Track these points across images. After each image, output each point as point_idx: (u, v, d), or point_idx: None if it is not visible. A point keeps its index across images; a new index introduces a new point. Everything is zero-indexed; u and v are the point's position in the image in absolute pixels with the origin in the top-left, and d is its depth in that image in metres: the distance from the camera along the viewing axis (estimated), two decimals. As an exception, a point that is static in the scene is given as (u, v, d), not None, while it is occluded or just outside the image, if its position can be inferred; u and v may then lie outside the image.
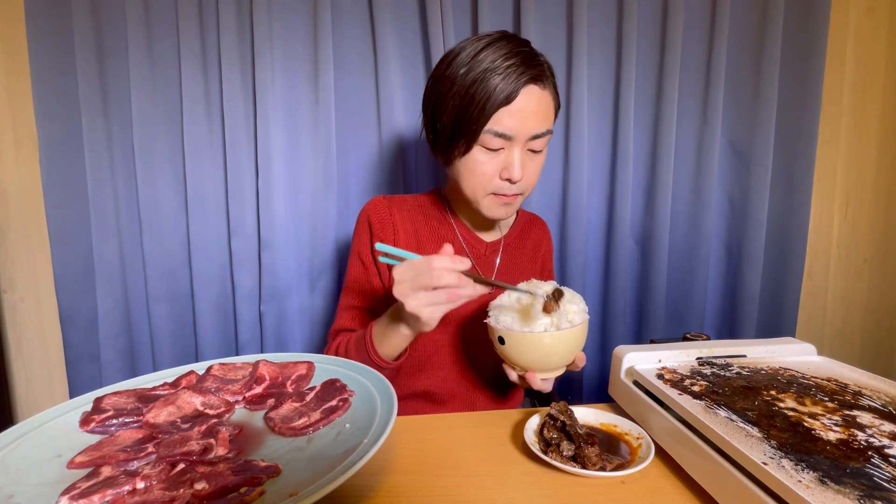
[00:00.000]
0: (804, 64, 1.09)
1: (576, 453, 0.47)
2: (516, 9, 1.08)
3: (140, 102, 1.02)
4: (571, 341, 0.56)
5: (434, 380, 0.75)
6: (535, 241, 0.85)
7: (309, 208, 1.10)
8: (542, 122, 0.64)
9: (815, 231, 1.27)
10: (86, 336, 1.06)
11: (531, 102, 0.63)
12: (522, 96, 0.62)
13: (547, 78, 0.65)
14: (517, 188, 0.67)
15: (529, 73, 0.62)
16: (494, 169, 0.66)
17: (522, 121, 0.62)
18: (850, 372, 0.55)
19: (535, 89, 0.63)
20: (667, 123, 1.10)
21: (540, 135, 0.64)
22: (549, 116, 0.66)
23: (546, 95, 0.65)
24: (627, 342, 1.00)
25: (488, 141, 0.64)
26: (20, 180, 1.09)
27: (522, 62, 0.62)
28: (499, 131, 0.63)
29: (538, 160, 0.68)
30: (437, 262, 0.53)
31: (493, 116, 0.62)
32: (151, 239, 1.07)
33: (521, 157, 0.65)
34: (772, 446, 0.38)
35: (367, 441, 0.39)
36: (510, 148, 0.64)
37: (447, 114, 0.65)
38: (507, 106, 0.61)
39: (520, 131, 0.63)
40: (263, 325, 1.11)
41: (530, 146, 0.65)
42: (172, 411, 0.46)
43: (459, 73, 0.63)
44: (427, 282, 0.53)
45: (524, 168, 0.66)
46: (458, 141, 0.65)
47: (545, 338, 0.55)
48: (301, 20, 1.04)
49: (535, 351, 0.56)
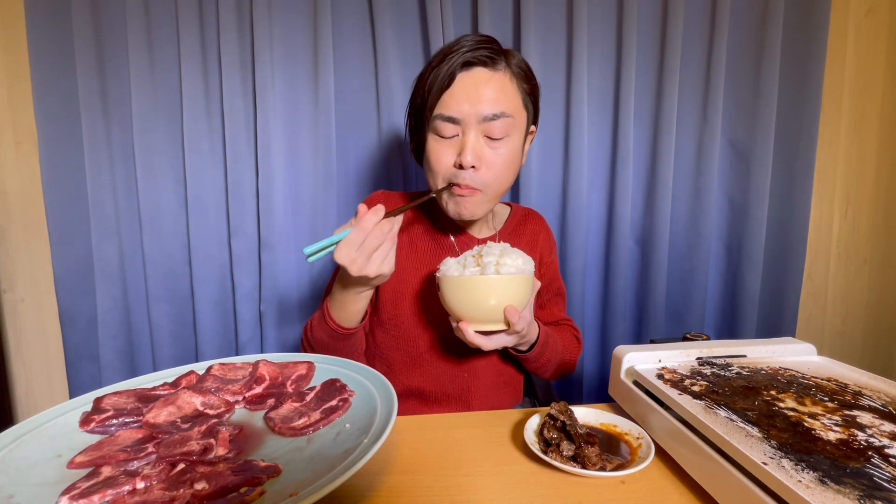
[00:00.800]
0: (804, 64, 1.09)
1: (576, 453, 0.47)
2: (516, 9, 1.08)
3: (140, 102, 1.02)
4: (500, 289, 0.57)
5: (427, 378, 0.76)
6: (531, 235, 0.84)
7: (309, 208, 1.10)
8: (491, 104, 0.63)
9: (815, 231, 1.27)
10: (86, 336, 1.06)
11: (477, 85, 0.63)
12: (465, 78, 0.63)
13: (501, 63, 0.65)
14: (474, 180, 0.65)
15: (471, 54, 0.63)
16: (449, 157, 0.66)
17: (466, 99, 0.63)
18: (850, 372, 0.55)
19: (481, 71, 0.64)
20: (667, 123, 1.10)
21: (492, 116, 0.63)
22: (503, 99, 0.64)
23: (498, 78, 0.64)
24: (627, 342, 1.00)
25: (439, 127, 0.65)
26: (20, 180, 1.09)
27: (470, 49, 0.63)
28: (445, 114, 0.64)
29: (500, 151, 0.65)
30: (366, 224, 0.57)
31: (439, 101, 0.63)
32: (151, 239, 1.07)
33: (474, 143, 0.64)
34: (772, 446, 0.38)
35: (367, 441, 0.39)
36: (464, 134, 0.64)
37: (409, 110, 0.69)
38: (449, 89, 0.63)
39: (466, 113, 0.63)
40: (263, 325, 1.11)
41: (486, 131, 0.64)
42: (172, 411, 0.46)
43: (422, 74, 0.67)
44: (373, 244, 0.58)
45: (480, 156, 0.64)
46: (418, 135, 0.68)
47: (471, 281, 0.57)
48: (301, 20, 1.04)
49: (463, 295, 0.59)
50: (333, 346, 0.69)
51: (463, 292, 0.59)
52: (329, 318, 0.66)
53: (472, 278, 0.58)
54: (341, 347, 0.69)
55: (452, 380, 0.76)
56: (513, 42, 1.10)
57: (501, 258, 0.59)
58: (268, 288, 1.09)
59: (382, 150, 1.11)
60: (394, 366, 0.76)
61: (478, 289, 0.58)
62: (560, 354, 0.75)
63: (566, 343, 0.78)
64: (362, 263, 0.58)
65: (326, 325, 0.67)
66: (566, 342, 0.78)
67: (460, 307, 0.60)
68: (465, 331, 0.60)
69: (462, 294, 0.59)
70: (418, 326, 0.75)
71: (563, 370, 0.78)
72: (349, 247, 0.57)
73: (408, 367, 0.76)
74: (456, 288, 0.59)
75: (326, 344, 0.69)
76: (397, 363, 0.76)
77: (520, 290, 0.58)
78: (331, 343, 0.68)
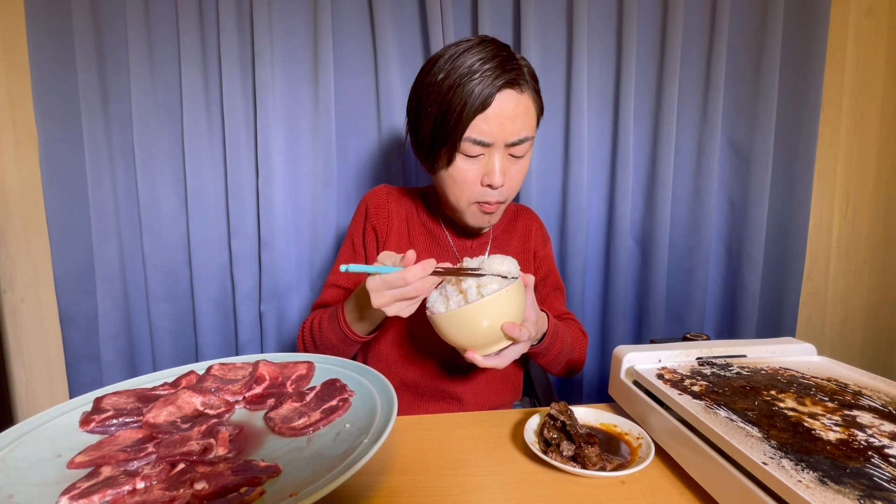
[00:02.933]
0: (804, 64, 1.09)
1: (576, 453, 0.47)
2: (516, 9, 1.08)
3: (140, 102, 1.02)
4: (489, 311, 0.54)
5: (422, 372, 0.76)
6: (523, 231, 0.84)
7: (309, 208, 1.10)
8: (520, 128, 0.63)
9: (815, 231, 1.27)
10: (86, 336, 1.06)
11: (508, 107, 0.62)
12: (498, 101, 0.61)
13: (525, 82, 0.64)
14: (499, 195, 0.67)
15: (505, 76, 0.61)
16: (476, 176, 0.65)
17: (499, 126, 0.62)
18: (850, 372, 0.55)
19: (511, 94, 0.62)
20: (667, 123, 1.10)
21: (519, 141, 0.64)
22: (528, 121, 0.64)
23: (524, 99, 0.63)
24: (627, 342, 1.00)
25: (468, 149, 0.63)
26: (20, 180, 1.09)
27: (498, 66, 0.61)
28: (477, 139, 0.62)
29: (520, 165, 0.67)
30: (410, 276, 0.53)
31: (470, 124, 0.61)
32: (151, 239, 1.07)
33: (502, 163, 0.64)
34: (772, 446, 0.38)
35: (367, 441, 0.39)
36: (490, 154, 0.64)
37: (426, 122, 0.65)
38: (483, 112, 0.61)
39: (497, 137, 0.62)
40: (263, 325, 1.11)
41: (511, 151, 0.65)
42: (172, 411, 0.46)
43: (437, 79, 0.62)
44: (408, 295, 0.54)
45: (506, 174, 0.65)
46: (439, 150, 0.65)
47: (458, 314, 0.54)
48: (301, 20, 1.04)
49: (456, 328, 0.56)
50: (343, 349, 0.68)
51: (456, 326, 0.56)
52: (346, 325, 0.65)
53: (459, 311, 0.55)
54: (348, 351, 0.69)
55: (448, 374, 0.76)
56: (513, 42, 1.10)
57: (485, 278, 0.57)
58: (268, 288, 1.09)
59: (382, 150, 1.11)
60: (389, 359, 0.77)
61: (468, 318, 0.55)
62: (570, 346, 0.74)
63: (574, 335, 0.78)
64: (387, 303, 0.56)
65: (341, 330, 0.66)
66: (574, 335, 0.78)
67: (460, 339, 0.58)
68: (474, 359, 0.58)
69: (455, 328, 0.56)
70: (413, 322, 0.75)
71: (573, 365, 0.78)
72: (385, 285, 0.54)
73: (403, 361, 0.76)
74: (448, 324, 0.56)
75: (335, 346, 0.68)
76: (392, 357, 0.77)
77: (510, 302, 0.56)
78: (340, 346, 0.68)
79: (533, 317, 0.61)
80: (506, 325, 0.55)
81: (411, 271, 0.53)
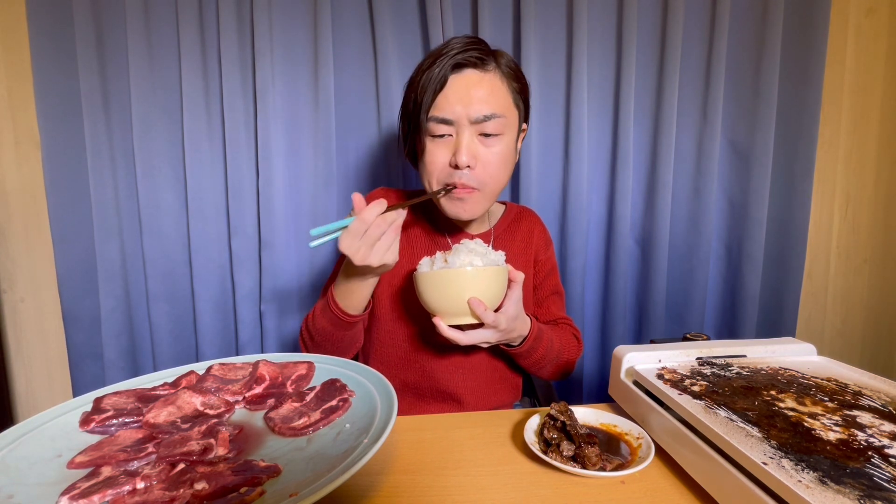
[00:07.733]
0: (804, 64, 1.09)
1: (576, 453, 0.47)
2: (516, 9, 1.08)
3: (140, 102, 1.02)
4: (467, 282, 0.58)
5: (422, 373, 0.76)
6: (525, 232, 0.84)
7: (309, 208, 1.10)
8: (484, 105, 0.65)
9: (815, 231, 1.27)
10: (89, 335, 1.06)
11: (469, 86, 0.64)
12: (456, 80, 0.65)
13: (491, 64, 0.66)
14: (470, 179, 0.67)
15: (461, 56, 0.64)
16: (444, 157, 0.67)
17: (459, 101, 0.64)
18: (850, 372, 0.55)
19: (472, 73, 0.65)
20: (667, 123, 1.10)
21: (484, 117, 0.65)
22: (495, 99, 0.66)
23: (489, 78, 0.66)
24: (627, 342, 1.00)
25: (433, 128, 0.66)
26: (20, 180, 1.09)
27: (460, 51, 0.64)
28: (438, 116, 0.65)
29: (495, 150, 0.67)
30: (368, 216, 0.57)
31: (433, 104, 0.65)
32: (151, 239, 1.07)
33: (469, 142, 0.65)
34: (772, 446, 0.38)
35: (367, 441, 0.39)
36: (457, 134, 0.66)
37: (403, 113, 0.70)
38: (442, 91, 0.64)
39: (460, 114, 0.64)
40: (263, 325, 1.11)
41: (479, 131, 0.66)
42: (172, 411, 0.46)
43: (413, 75, 0.69)
44: (375, 234, 0.58)
45: (475, 155, 0.66)
46: (413, 137, 0.69)
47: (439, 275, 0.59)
48: (301, 20, 1.04)
49: (432, 289, 0.60)
50: (335, 334, 0.69)
51: (432, 287, 0.60)
52: (334, 304, 0.67)
53: (440, 272, 0.59)
54: (342, 337, 0.70)
55: (447, 375, 0.76)
56: (513, 42, 1.10)
57: (470, 255, 0.61)
58: (268, 288, 1.09)
59: (382, 150, 1.11)
60: (389, 361, 0.77)
61: (441, 281, 0.59)
62: (557, 352, 0.74)
63: (564, 342, 0.77)
64: (365, 253, 0.58)
65: (331, 312, 0.67)
66: (564, 341, 0.77)
67: (430, 301, 0.61)
68: (439, 325, 0.61)
69: (431, 289, 0.60)
70: (415, 324, 0.76)
71: (562, 370, 0.77)
72: (352, 237, 0.58)
73: (403, 363, 0.77)
74: (426, 283, 0.60)
75: (329, 333, 0.69)
76: (393, 358, 0.77)
77: (484, 280, 0.59)
78: (334, 332, 0.69)
79: (511, 311, 0.63)
80: (472, 300, 0.58)
81: (367, 211, 0.57)
